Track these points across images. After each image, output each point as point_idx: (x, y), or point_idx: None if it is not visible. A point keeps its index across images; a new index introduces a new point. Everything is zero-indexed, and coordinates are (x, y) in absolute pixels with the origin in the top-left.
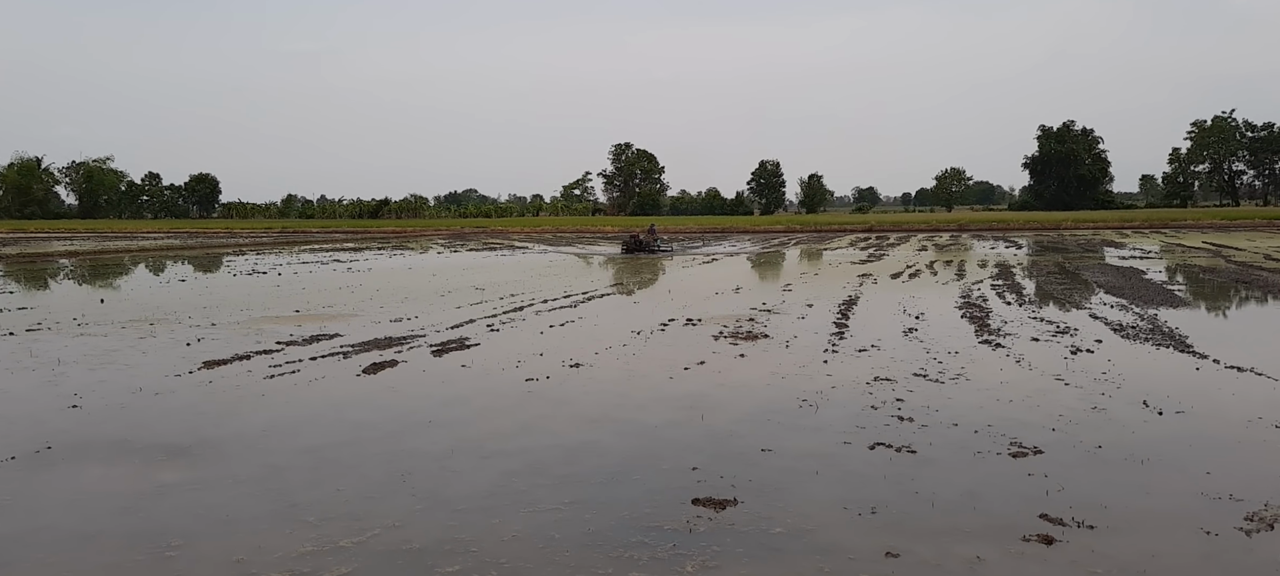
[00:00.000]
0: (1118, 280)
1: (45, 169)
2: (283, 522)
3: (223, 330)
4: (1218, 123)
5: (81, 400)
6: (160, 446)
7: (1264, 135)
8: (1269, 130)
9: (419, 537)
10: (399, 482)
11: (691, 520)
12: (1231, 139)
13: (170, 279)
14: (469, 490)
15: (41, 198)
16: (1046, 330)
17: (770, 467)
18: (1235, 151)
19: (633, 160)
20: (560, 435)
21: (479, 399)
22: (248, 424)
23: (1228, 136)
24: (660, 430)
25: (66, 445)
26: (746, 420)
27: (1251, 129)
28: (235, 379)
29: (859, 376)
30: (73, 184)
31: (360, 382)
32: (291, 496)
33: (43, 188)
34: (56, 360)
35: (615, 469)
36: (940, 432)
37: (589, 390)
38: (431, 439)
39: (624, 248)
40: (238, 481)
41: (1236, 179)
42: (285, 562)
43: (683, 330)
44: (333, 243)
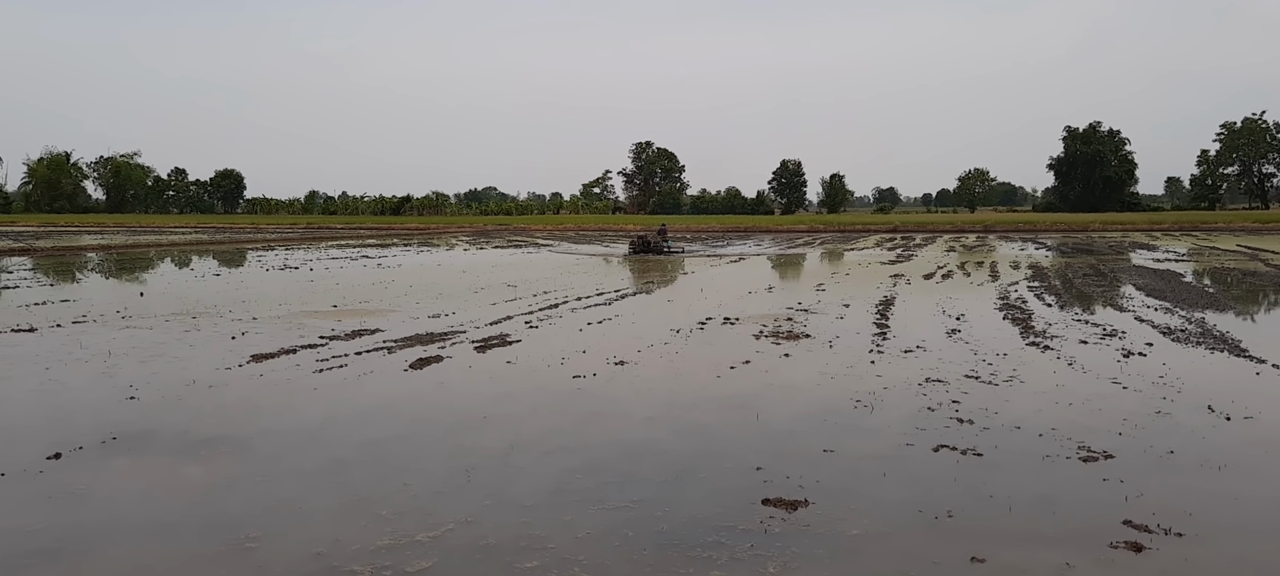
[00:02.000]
0: (1156, 283)
1: (74, 164)
2: (355, 516)
3: (264, 324)
4: (1248, 124)
5: (138, 392)
6: (222, 438)
7: None
8: None
9: (493, 534)
10: (464, 478)
11: (764, 521)
12: (1262, 141)
13: (205, 273)
14: (534, 487)
15: (70, 192)
16: (1093, 333)
17: (835, 469)
18: (1265, 154)
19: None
20: (616, 433)
21: (529, 396)
22: (305, 417)
23: (1258, 138)
24: (716, 429)
25: (130, 436)
26: (802, 420)
27: None
28: (285, 372)
29: (909, 377)
30: (101, 179)
31: (409, 378)
32: (359, 490)
33: (71, 182)
34: (107, 352)
35: (678, 468)
36: (1003, 436)
37: (637, 388)
38: (488, 435)
39: (632, 248)
40: (304, 474)
41: (1267, 182)
42: (365, 556)
43: (722, 329)
44: (358, 239)
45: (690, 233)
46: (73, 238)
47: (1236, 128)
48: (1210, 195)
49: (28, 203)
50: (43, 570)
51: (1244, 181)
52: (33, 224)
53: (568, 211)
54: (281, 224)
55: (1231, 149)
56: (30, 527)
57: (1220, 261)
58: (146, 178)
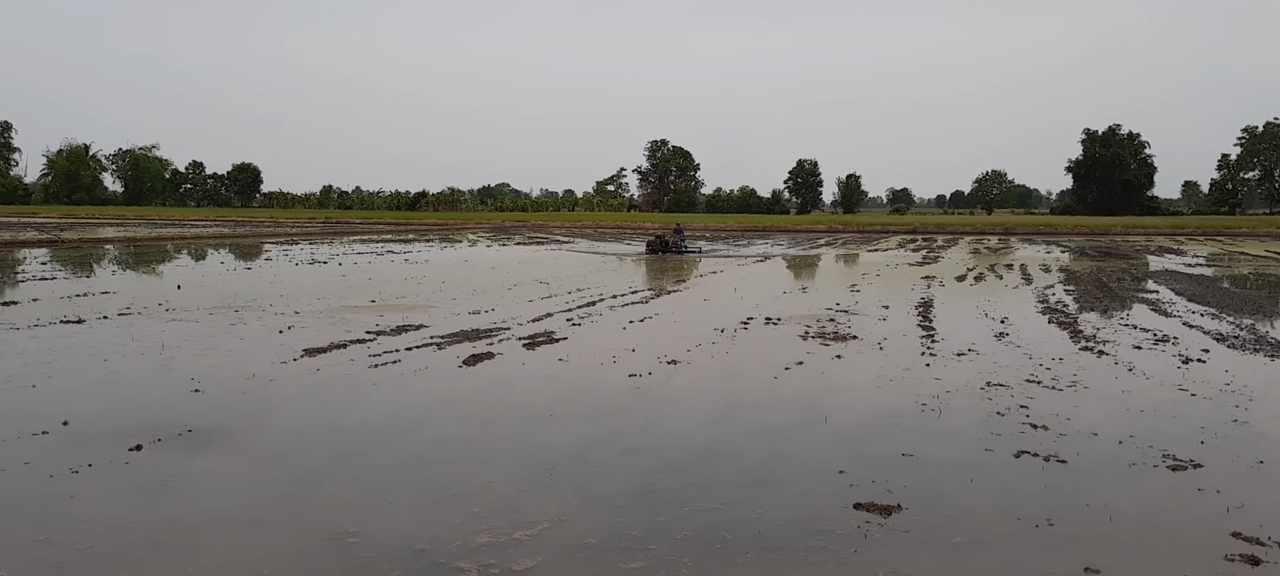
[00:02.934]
0: (1195, 288)
1: (93, 156)
2: (447, 513)
3: (307, 318)
4: (1270, 129)
5: (201, 385)
6: (293, 432)
7: None
8: None
9: (590, 533)
10: (546, 476)
11: (861, 525)
12: None
13: (235, 267)
14: (619, 487)
15: (89, 184)
16: (1143, 338)
17: (919, 474)
18: None
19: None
20: (685, 434)
21: (589, 394)
22: (371, 413)
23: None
24: (787, 431)
25: (204, 429)
26: (871, 423)
27: None
28: (341, 368)
29: (969, 381)
30: (119, 171)
31: (465, 375)
32: (443, 487)
33: (90, 174)
34: (160, 345)
35: (758, 470)
36: (1082, 442)
37: (695, 388)
38: (558, 434)
39: (648, 248)
40: (384, 470)
41: None
42: (467, 553)
43: (766, 329)
44: (377, 234)
45: (707, 232)
46: (95, 230)
47: (1258, 132)
48: (1230, 200)
49: (47, 194)
50: (153, 561)
51: (1264, 186)
52: (55, 215)
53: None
54: (300, 218)
55: (1252, 153)
56: (130, 519)
57: (1256, 267)
58: (164, 171)
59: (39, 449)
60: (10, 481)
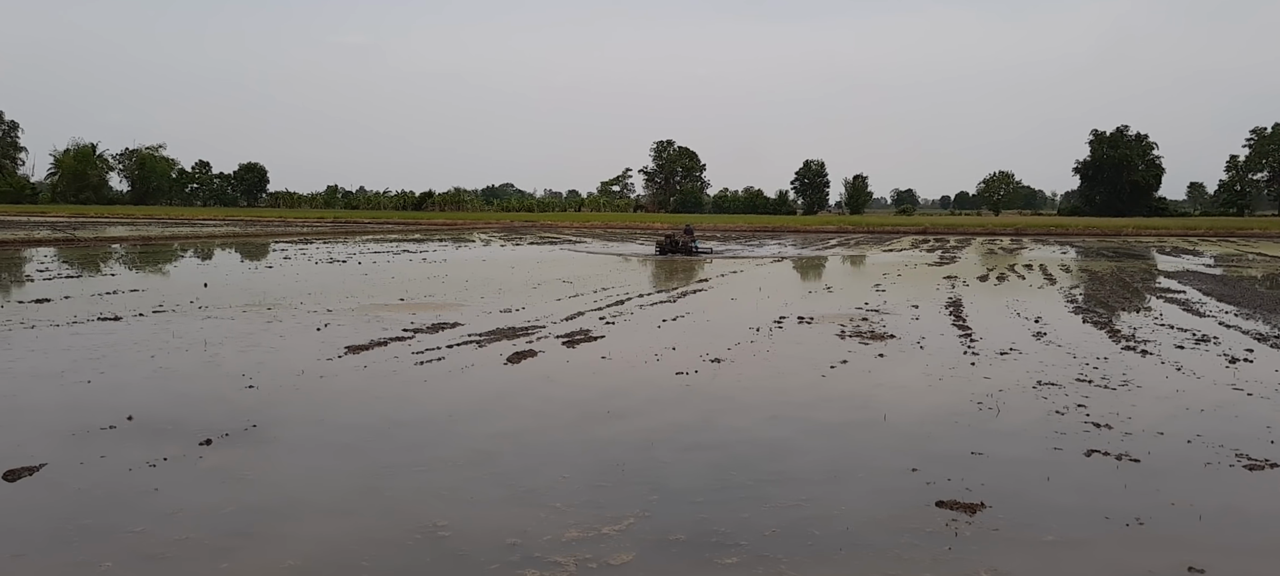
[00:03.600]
0: (1222, 288)
1: (100, 155)
2: (529, 507)
3: (340, 316)
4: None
5: (253, 381)
6: (356, 426)
7: None
8: None
9: (677, 528)
10: (617, 472)
11: (948, 523)
12: None
13: (257, 265)
14: (692, 483)
15: (96, 183)
16: (1183, 338)
17: (993, 472)
18: None
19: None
20: (747, 431)
21: (639, 390)
22: (428, 408)
23: None
24: (848, 430)
25: (268, 423)
26: (930, 421)
27: None
28: (387, 364)
29: (1019, 380)
30: (126, 171)
31: (511, 372)
32: (518, 481)
33: (97, 174)
34: (203, 341)
35: (828, 467)
36: (1150, 441)
37: (745, 386)
38: (619, 430)
39: (659, 248)
40: (455, 464)
41: None
42: (560, 547)
43: (801, 328)
44: (389, 233)
45: (717, 232)
46: (107, 228)
47: (1267, 133)
48: (1239, 201)
49: (54, 194)
50: (250, 552)
51: (1273, 188)
52: (64, 214)
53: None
54: (309, 217)
55: (1261, 154)
56: (217, 510)
57: (1274, 268)
58: (171, 170)
59: (111, 443)
60: (93, 474)
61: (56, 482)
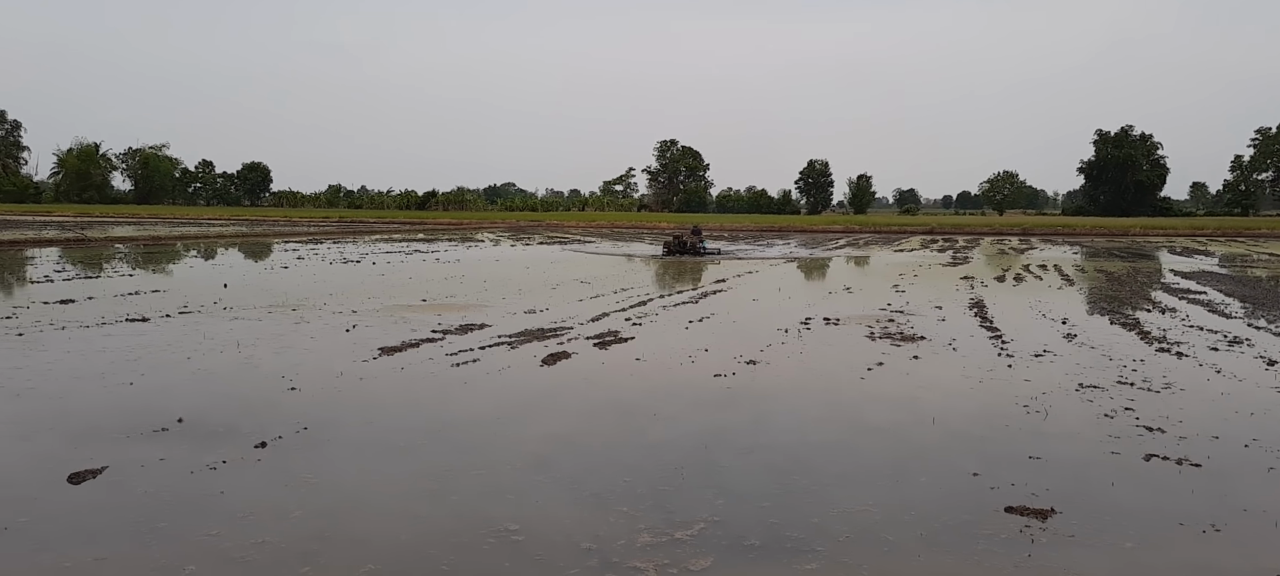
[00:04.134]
0: (1242, 289)
1: (103, 155)
2: (598, 511)
3: (366, 317)
4: None
5: (294, 383)
6: (405, 429)
7: None
8: None
9: (749, 532)
10: (676, 476)
11: (1022, 528)
12: None
13: (272, 265)
14: (755, 487)
15: (99, 183)
16: (1215, 340)
17: (1055, 476)
18: None
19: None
20: (798, 432)
21: (682, 393)
22: (475, 410)
23: None
24: (899, 432)
25: (318, 425)
26: (979, 424)
27: None
28: (423, 366)
29: (1059, 383)
30: (129, 170)
31: (548, 373)
32: (580, 484)
33: (101, 173)
34: (235, 343)
35: (888, 471)
36: (1207, 446)
37: (785, 387)
38: (669, 432)
39: (666, 249)
40: (513, 467)
41: None
42: (636, 552)
43: (829, 329)
44: (396, 232)
45: (724, 232)
46: (114, 228)
47: (1272, 133)
48: (1243, 201)
49: (57, 193)
50: (330, 555)
51: (1278, 188)
52: (70, 213)
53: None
54: (314, 217)
55: (1266, 154)
56: (288, 513)
57: None
58: (174, 169)
59: (166, 445)
60: (155, 477)
61: (120, 485)
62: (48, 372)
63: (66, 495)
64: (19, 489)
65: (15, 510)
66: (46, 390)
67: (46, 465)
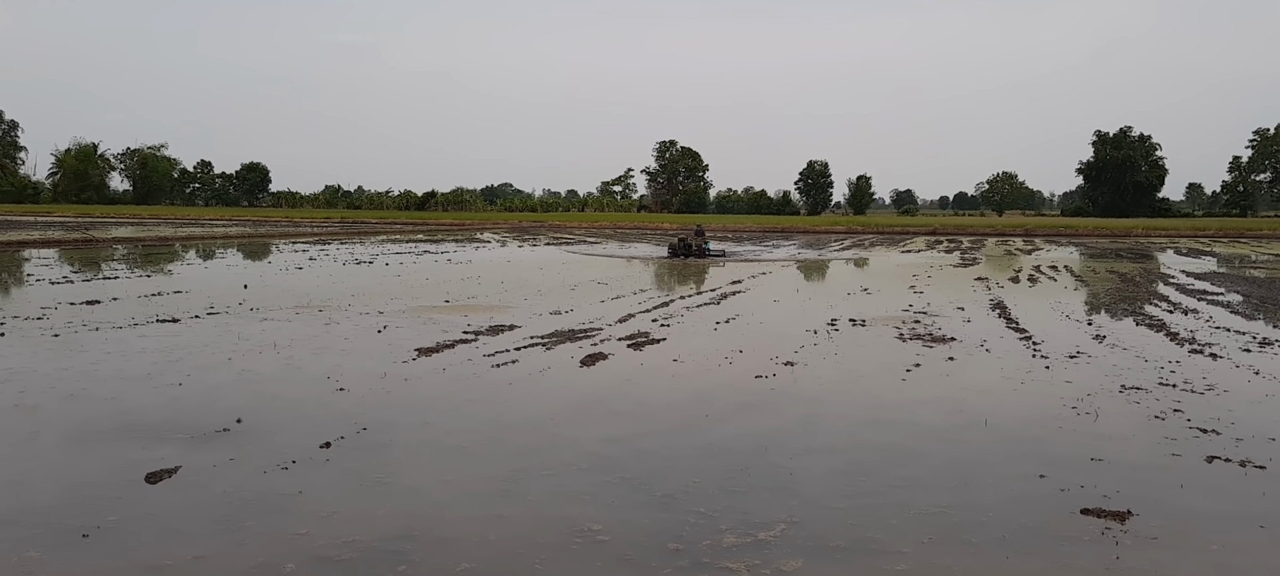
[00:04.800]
0: (1261, 290)
1: (102, 155)
2: (675, 512)
3: (393, 318)
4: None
5: (340, 384)
6: (462, 430)
7: None
8: None
9: (831, 534)
10: (743, 477)
11: (1103, 531)
12: None
13: (288, 265)
14: (824, 488)
15: (97, 183)
16: (1246, 342)
17: (1122, 478)
18: None
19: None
20: (852, 433)
21: (724, 394)
22: (525, 412)
23: None
24: (953, 433)
25: (375, 426)
26: (1032, 426)
27: None
28: (463, 367)
29: (1101, 384)
30: (128, 170)
31: (590, 375)
32: (650, 485)
33: (99, 173)
34: (271, 343)
35: (953, 473)
36: (1266, 448)
37: (828, 389)
38: (724, 433)
39: (670, 251)
40: (578, 469)
41: None
42: (724, 553)
43: (857, 331)
44: (401, 233)
45: (729, 233)
46: (115, 228)
47: (1270, 134)
48: (1242, 202)
49: (55, 193)
50: (423, 554)
51: (1276, 188)
52: (69, 214)
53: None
54: (315, 217)
55: (1264, 155)
56: (371, 514)
57: None
58: (173, 170)
59: (231, 445)
60: (229, 476)
61: (198, 485)
62: (93, 373)
63: (147, 495)
64: (100, 489)
65: (102, 510)
66: (97, 392)
67: (121, 466)
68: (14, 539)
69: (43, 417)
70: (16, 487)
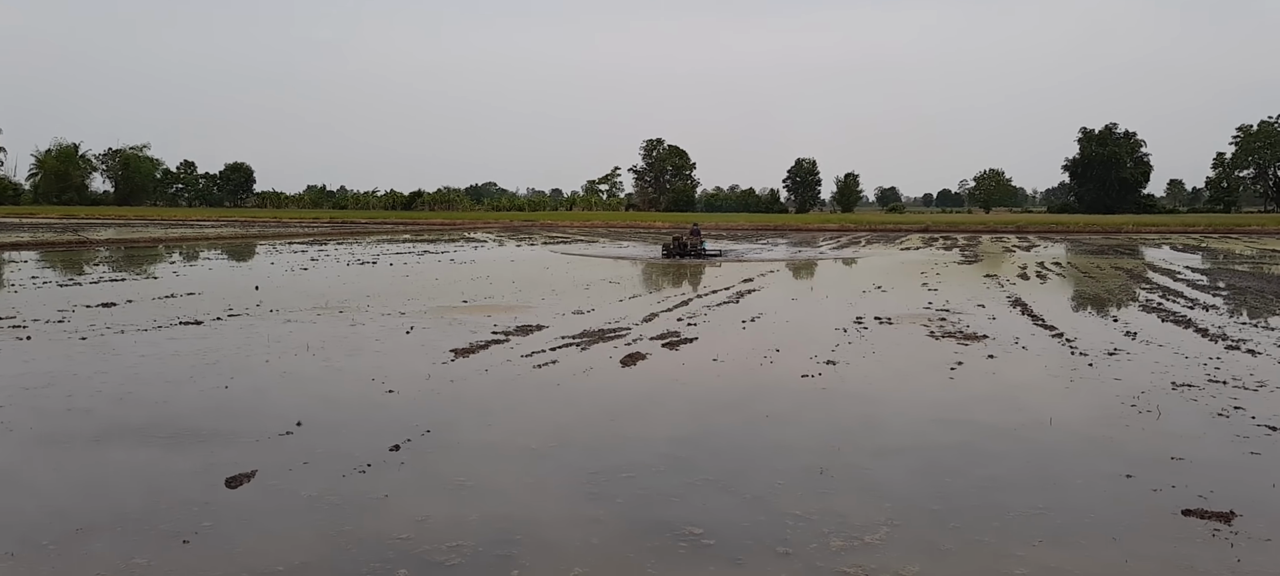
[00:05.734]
0: (1268, 286)
1: (83, 155)
2: (765, 514)
3: (416, 318)
4: (1264, 128)
5: (387, 385)
6: (527, 431)
7: None
8: None
9: (939, 536)
10: (824, 479)
11: (1213, 532)
12: (1278, 144)
13: (293, 266)
14: (913, 489)
15: (78, 184)
16: (1277, 337)
17: (1212, 477)
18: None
19: (664, 156)
20: (920, 434)
21: (776, 394)
22: (581, 412)
23: (1274, 142)
24: (1021, 432)
25: (438, 427)
26: (1098, 424)
27: None
28: (505, 368)
29: (1150, 382)
30: (109, 171)
31: (633, 375)
32: (738, 487)
33: (80, 174)
34: (303, 346)
35: (1038, 473)
36: None
37: (878, 388)
38: (790, 434)
39: (665, 251)
40: (657, 470)
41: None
42: (834, 556)
43: (886, 329)
44: (391, 233)
45: (722, 231)
46: (102, 230)
47: (1253, 131)
48: (1226, 198)
49: (36, 194)
50: (525, 557)
51: (1260, 184)
52: (53, 215)
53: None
54: (303, 218)
55: (1247, 152)
56: (464, 518)
57: None
58: (155, 170)
59: (301, 448)
60: (309, 479)
61: (280, 489)
62: (135, 376)
63: (231, 499)
64: (181, 494)
65: (192, 516)
66: (145, 395)
67: (195, 470)
68: (116, 546)
69: (99, 422)
70: (97, 491)
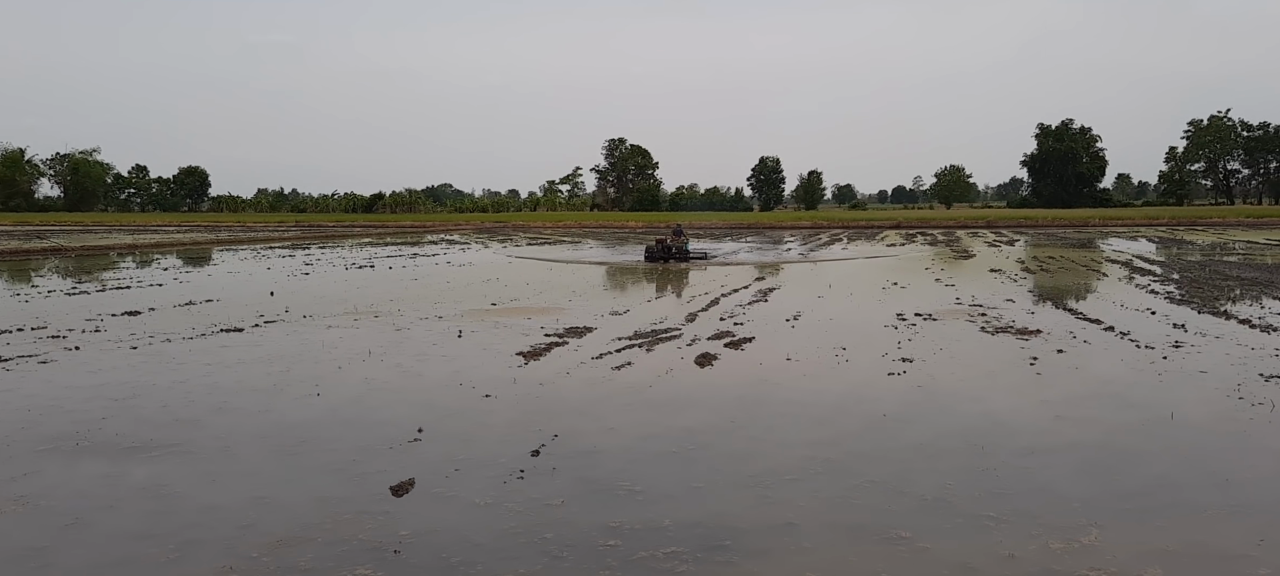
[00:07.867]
0: (1267, 276)
1: (29, 160)
2: (961, 518)
3: (457, 321)
4: (1214, 122)
5: (481, 390)
6: (653, 436)
7: (1259, 134)
8: (1264, 130)
9: (1151, 537)
10: (990, 478)
11: None
12: (1228, 138)
13: (293, 271)
14: (1091, 492)
15: (25, 190)
16: None
17: None
18: (1231, 151)
19: (626, 155)
20: (1055, 434)
21: (877, 394)
22: (697, 416)
23: (1224, 135)
24: (1153, 429)
25: (565, 433)
26: (1221, 421)
27: (1247, 128)
28: (584, 371)
29: (1238, 374)
30: (58, 176)
31: (713, 376)
32: (904, 489)
33: (27, 180)
34: (365, 351)
35: (1200, 473)
36: None
37: (972, 387)
38: (921, 434)
39: (649, 255)
40: (816, 473)
41: (1231, 178)
42: (1055, 557)
43: (934, 325)
44: (365, 237)
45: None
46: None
47: (1203, 125)
48: (1178, 191)
49: None
50: (742, 562)
51: (1211, 177)
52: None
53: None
54: (266, 222)
55: (1198, 146)
56: (655, 523)
57: None
58: (106, 175)
59: (438, 456)
60: (469, 487)
61: (446, 497)
62: (215, 386)
63: (407, 508)
64: (353, 504)
65: (381, 526)
66: (243, 405)
67: (350, 478)
68: (332, 555)
69: (215, 431)
70: (268, 505)
